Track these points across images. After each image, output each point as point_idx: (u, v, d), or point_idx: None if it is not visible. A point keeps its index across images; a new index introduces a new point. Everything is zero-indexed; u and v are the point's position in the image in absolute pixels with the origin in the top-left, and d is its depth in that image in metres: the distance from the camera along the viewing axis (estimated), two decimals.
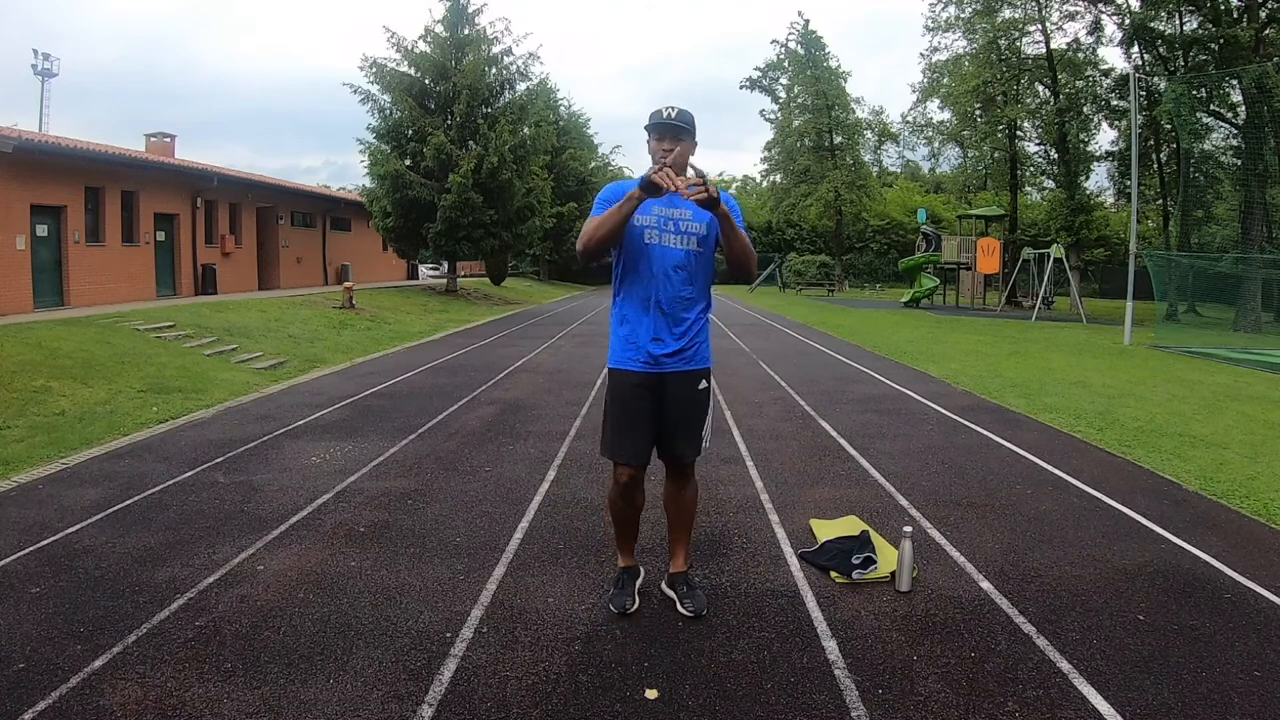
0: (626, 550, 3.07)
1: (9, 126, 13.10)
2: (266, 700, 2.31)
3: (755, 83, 42.18)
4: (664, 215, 2.79)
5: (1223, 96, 20.80)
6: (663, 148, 2.72)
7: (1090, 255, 34.36)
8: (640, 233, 2.77)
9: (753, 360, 10.53)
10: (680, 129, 2.72)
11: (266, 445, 5.58)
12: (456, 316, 18.64)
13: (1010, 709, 2.28)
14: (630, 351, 2.83)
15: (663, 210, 2.78)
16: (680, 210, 2.79)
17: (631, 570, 3.05)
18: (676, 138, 2.72)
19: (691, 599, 2.91)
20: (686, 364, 2.84)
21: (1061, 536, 3.73)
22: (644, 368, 2.81)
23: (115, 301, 13.97)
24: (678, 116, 2.73)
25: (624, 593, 2.96)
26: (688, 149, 2.75)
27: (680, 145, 2.72)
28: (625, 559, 3.07)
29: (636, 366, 2.82)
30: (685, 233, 2.80)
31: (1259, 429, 6.34)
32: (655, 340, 2.79)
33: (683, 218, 2.79)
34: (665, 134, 2.72)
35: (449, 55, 22.79)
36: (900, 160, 49.19)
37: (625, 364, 2.85)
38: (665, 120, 2.72)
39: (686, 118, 2.75)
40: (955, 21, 27.55)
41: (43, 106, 32.73)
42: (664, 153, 2.71)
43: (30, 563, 3.36)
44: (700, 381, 2.89)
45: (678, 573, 3.03)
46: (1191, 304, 21.27)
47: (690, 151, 2.77)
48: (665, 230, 2.78)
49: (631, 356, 2.83)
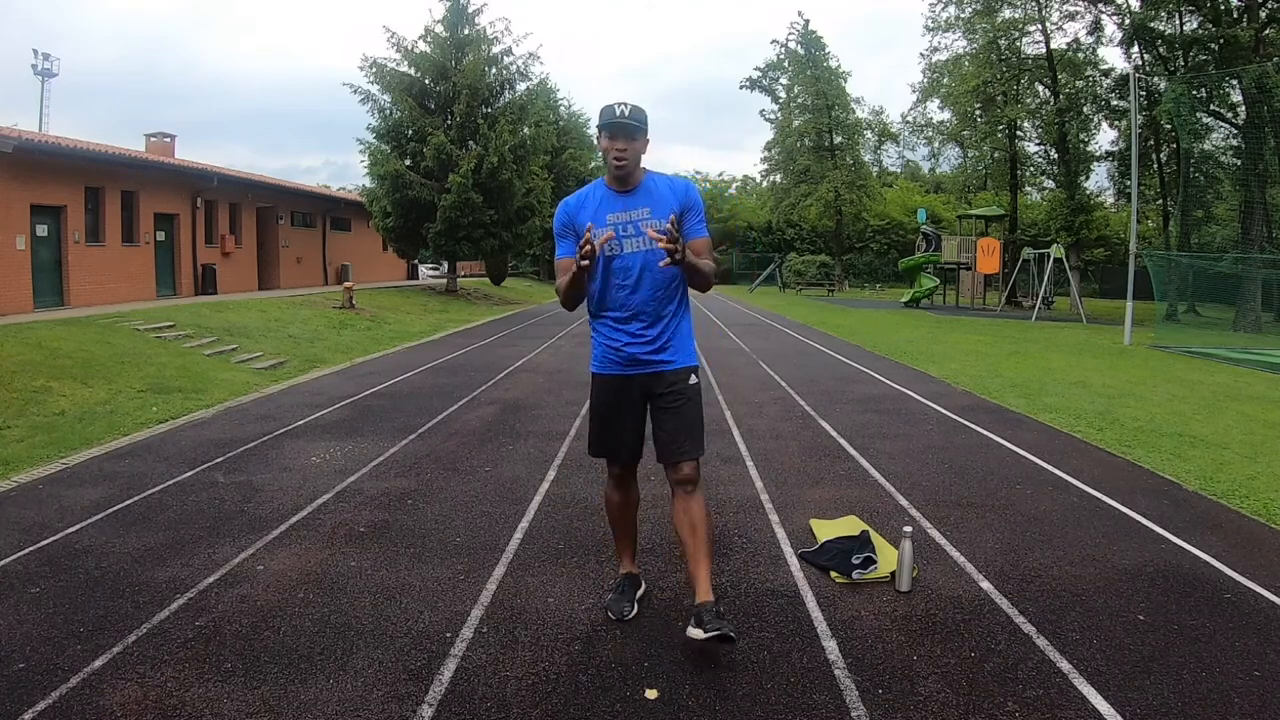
0: (626, 556, 3.03)
1: (9, 126, 13.11)
2: (266, 700, 2.31)
3: (755, 83, 42.20)
4: (619, 222, 2.70)
5: (1223, 96, 20.80)
6: (615, 146, 2.63)
7: (1090, 255, 34.36)
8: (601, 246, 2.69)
9: (753, 360, 10.53)
10: (633, 127, 2.63)
11: (266, 445, 5.58)
12: (456, 316, 18.64)
13: (1010, 709, 2.28)
14: (609, 355, 2.80)
15: (618, 217, 2.70)
16: (638, 210, 2.70)
17: (633, 579, 3.00)
18: (629, 136, 2.64)
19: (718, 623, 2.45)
20: (669, 363, 2.77)
21: (1061, 536, 3.73)
22: (623, 370, 2.78)
23: (115, 301, 13.97)
24: (630, 114, 2.62)
25: (623, 598, 2.90)
26: (639, 147, 2.68)
27: (632, 144, 2.65)
28: (626, 565, 3.03)
29: (616, 370, 2.79)
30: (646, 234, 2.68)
31: (1259, 429, 6.34)
32: (632, 342, 2.74)
33: (641, 217, 2.69)
34: (618, 133, 2.62)
35: (449, 55, 22.79)
36: (900, 160, 49.25)
37: (605, 368, 2.82)
38: (617, 119, 2.61)
39: (639, 115, 2.65)
40: (955, 21, 27.56)
41: (43, 106, 32.78)
42: (617, 151, 2.63)
43: (30, 563, 3.36)
44: (690, 377, 2.79)
45: (702, 604, 2.54)
46: (1191, 304, 21.27)
47: (642, 149, 2.70)
48: (625, 236, 2.69)
49: (611, 360, 2.80)
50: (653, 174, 2.79)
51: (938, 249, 27.79)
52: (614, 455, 2.88)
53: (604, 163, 2.71)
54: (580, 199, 2.79)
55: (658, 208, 2.69)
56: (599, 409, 2.88)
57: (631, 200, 2.71)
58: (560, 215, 2.79)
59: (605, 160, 2.69)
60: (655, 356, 2.76)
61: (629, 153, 2.65)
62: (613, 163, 2.66)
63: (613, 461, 2.90)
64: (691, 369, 2.83)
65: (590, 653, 2.61)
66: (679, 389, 2.77)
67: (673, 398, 2.77)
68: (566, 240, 2.76)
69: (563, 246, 2.78)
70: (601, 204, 2.73)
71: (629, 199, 2.71)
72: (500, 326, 16.67)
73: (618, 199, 2.73)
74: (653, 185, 2.75)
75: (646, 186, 2.74)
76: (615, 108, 2.64)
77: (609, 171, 2.72)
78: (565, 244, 2.77)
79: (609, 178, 2.75)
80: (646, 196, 2.72)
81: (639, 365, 2.77)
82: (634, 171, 2.71)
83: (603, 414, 2.87)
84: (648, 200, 2.71)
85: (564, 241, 2.77)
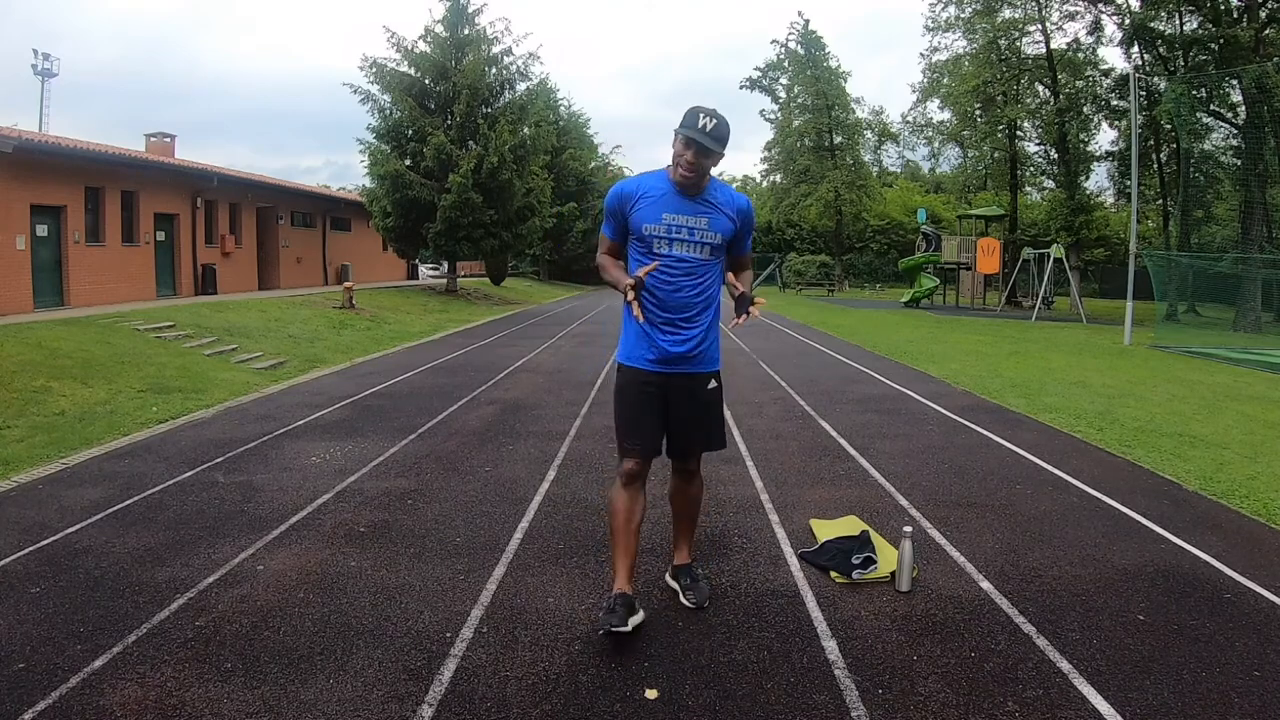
0: (623, 572, 2.78)
1: (9, 126, 13.10)
2: (266, 700, 2.31)
3: (755, 83, 42.19)
4: (674, 224, 2.73)
5: (1223, 96, 20.81)
6: (686, 156, 2.64)
7: (1090, 255, 34.37)
8: (650, 240, 2.74)
9: (753, 360, 10.53)
10: (709, 149, 2.63)
11: (266, 445, 5.58)
12: (456, 316, 18.64)
13: (1010, 709, 2.28)
14: (641, 349, 2.82)
15: (674, 218, 2.73)
16: (697, 219, 2.74)
17: (625, 598, 2.70)
18: (705, 154, 2.64)
19: (694, 590, 2.95)
20: (696, 366, 2.83)
21: (1061, 536, 3.73)
22: (654, 367, 2.81)
23: (115, 301, 13.97)
24: (713, 133, 2.60)
25: (614, 615, 2.62)
26: (712, 163, 2.70)
27: (703, 160, 2.66)
28: (620, 583, 2.77)
29: (646, 365, 2.81)
30: (699, 241, 2.74)
31: (1259, 429, 6.34)
32: (664, 340, 2.77)
33: (698, 226, 2.73)
34: (692, 145, 2.62)
35: (449, 55, 22.78)
36: (900, 160, 49.22)
37: (635, 361, 2.84)
38: (698, 133, 2.60)
39: (721, 134, 2.63)
40: (955, 21, 27.59)
41: (43, 106, 32.79)
42: (686, 163, 2.64)
43: (30, 563, 3.36)
44: (710, 382, 2.88)
45: (681, 565, 3.07)
46: (1191, 304, 21.28)
47: (713, 164, 2.71)
48: (676, 238, 2.73)
49: (642, 355, 2.82)
50: (715, 182, 2.81)
51: (938, 249, 27.80)
52: (638, 447, 2.83)
53: (673, 161, 2.71)
54: (639, 186, 2.78)
55: (715, 220, 2.76)
56: (625, 402, 2.87)
57: (693, 206, 2.74)
58: (613, 196, 2.82)
59: (674, 160, 2.70)
60: (685, 356, 2.80)
61: (698, 166, 2.67)
62: (680, 171, 2.68)
63: (632, 454, 2.82)
64: (714, 374, 2.90)
65: (590, 653, 2.61)
66: (699, 390, 2.85)
67: (693, 399, 2.85)
68: (613, 222, 2.84)
69: (608, 226, 2.87)
70: (661, 200, 2.74)
71: (692, 204, 2.74)
72: (500, 326, 16.67)
73: (680, 200, 2.74)
74: (714, 197, 2.78)
75: (709, 197, 2.77)
76: (700, 118, 2.61)
77: (676, 171, 2.71)
78: (611, 225, 2.86)
79: (675, 175, 2.73)
80: (707, 208, 2.76)
81: (668, 364, 2.80)
82: (700, 180, 2.74)
83: (629, 407, 2.85)
84: (708, 212, 2.75)
85: (611, 222, 2.85)
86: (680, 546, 3.10)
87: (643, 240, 2.76)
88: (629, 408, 2.87)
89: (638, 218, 2.75)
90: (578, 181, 39.29)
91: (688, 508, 3.06)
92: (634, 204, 2.76)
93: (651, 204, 2.74)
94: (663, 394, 2.83)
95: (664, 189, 2.75)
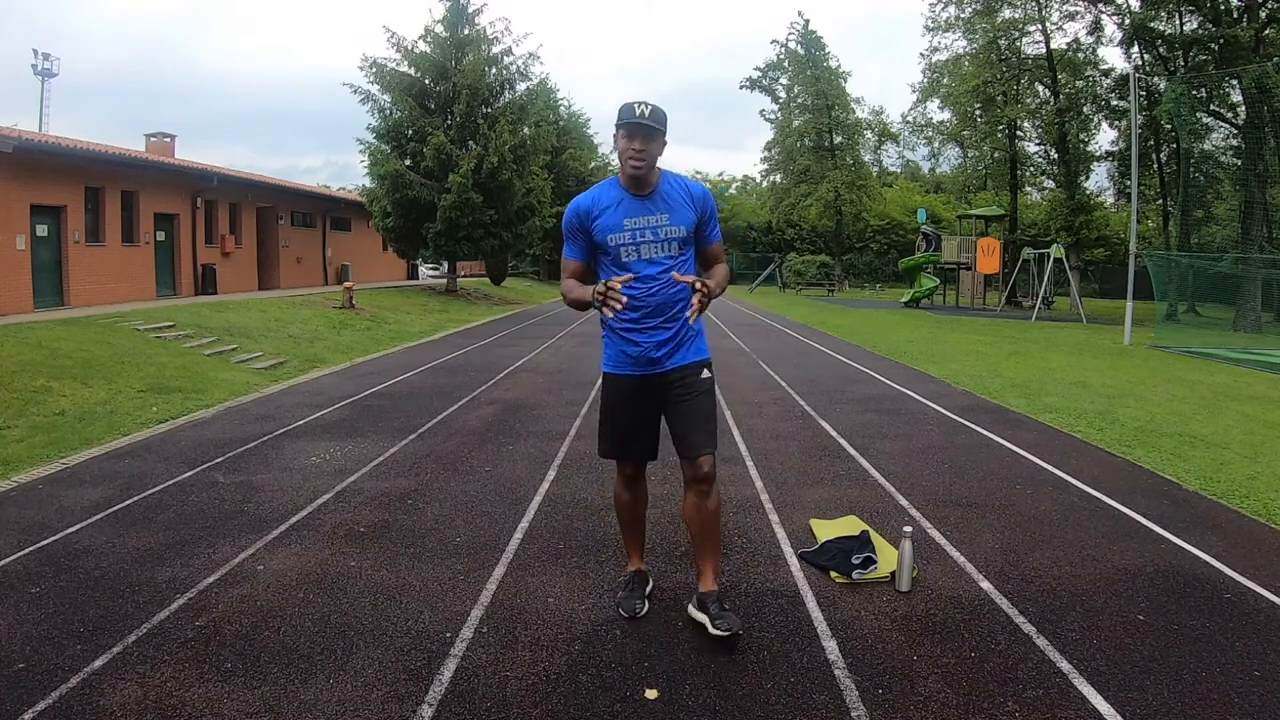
0: (635, 553, 3.05)
1: (9, 126, 13.10)
2: (266, 700, 2.31)
3: (755, 83, 42.21)
4: (637, 227, 2.69)
5: (1223, 96, 20.81)
6: (632, 147, 2.61)
7: (1090, 255, 34.37)
8: (616, 250, 2.70)
9: (753, 360, 10.53)
10: (652, 129, 2.61)
11: (266, 445, 5.58)
12: (456, 316, 18.64)
13: (1010, 709, 2.28)
14: (623, 356, 2.79)
15: (635, 222, 2.69)
16: (657, 216, 2.70)
17: (640, 575, 3.01)
18: (648, 138, 2.62)
19: (724, 619, 2.60)
20: (684, 358, 2.77)
21: (1061, 536, 3.73)
22: (639, 370, 2.77)
23: (115, 301, 13.97)
24: (650, 115, 2.60)
25: (634, 595, 2.91)
26: (657, 149, 2.66)
27: (650, 145, 2.63)
28: (634, 562, 3.05)
29: (631, 370, 2.78)
30: (665, 239, 2.70)
31: (1259, 429, 6.34)
32: (647, 343, 2.73)
33: (660, 224, 2.70)
34: (636, 133, 2.60)
35: (449, 55, 22.78)
36: (900, 160, 49.25)
37: (620, 368, 2.81)
38: (637, 119, 2.59)
39: (659, 116, 2.63)
40: (955, 21, 27.58)
41: (43, 106, 32.75)
42: (633, 152, 2.62)
43: (30, 563, 3.36)
44: (702, 371, 2.81)
45: (707, 592, 2.73)
46: (1191, 304, 21.28)
47: (659, 151, 2.68)
48: (642, 242, 2.69)
49: (625, 360, 2.79)
50: (667, 174, 2.78)
51: (938, 249, 27.80)
52: (625, 455, 2.87)
53: (619, 161, 2.69)
54: (594, 199, 2.75)
55: (675, 214, 2.72)
56: (611, 410, 2.87)
57: (650, 205, 2.71)
58: (571, 215, 2.76)
59: (621, 159, 2.68)
60: (668, 355, 2.76)
61: (646, 154, 2.64)
62: (630, 163, 2.64)
63: (624, 461, 2.89)
64: (704, 363, 2.82)
65: (590, 653, 2.61)
66: (690, 382, 2.77)
67: (684, 390, 2.77)
68: (576, 242, 2.77)
69: (569, 247, 2.78)
70: (619, 207, 2.71)
71: (648, 203, 2.71)
72: (500, 326, 16.67)
73: (636, 202, 2.71)
74: (669, 190, 2.74)
75: (663, 191, 2.73)
76: (635, 107, 2.61)
77: (624, 171, 2.69)
78: (574, 246, 2.77)
79: (624, 178, 2.71)
80: (664, 202, 2.72)
81: (653, 365, 2.76)
82: (650, 173, 2.70)
83: (614, 415, 2.86)
84: (665, 207, 2.71)
85: (573, 243, 2.77)
86: (704, 572, 2.77)
87: (609, 252, 2.71)
88: (612, 420, 2.86)
89: (600, 229, 2.70)
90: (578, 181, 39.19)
91: (706, 526, 2.75)
92: (594, 217, 2.72)
93: (611, 213, 2.70)
94: (654, 396, 2.79)
95: (619, 196, 2.72)
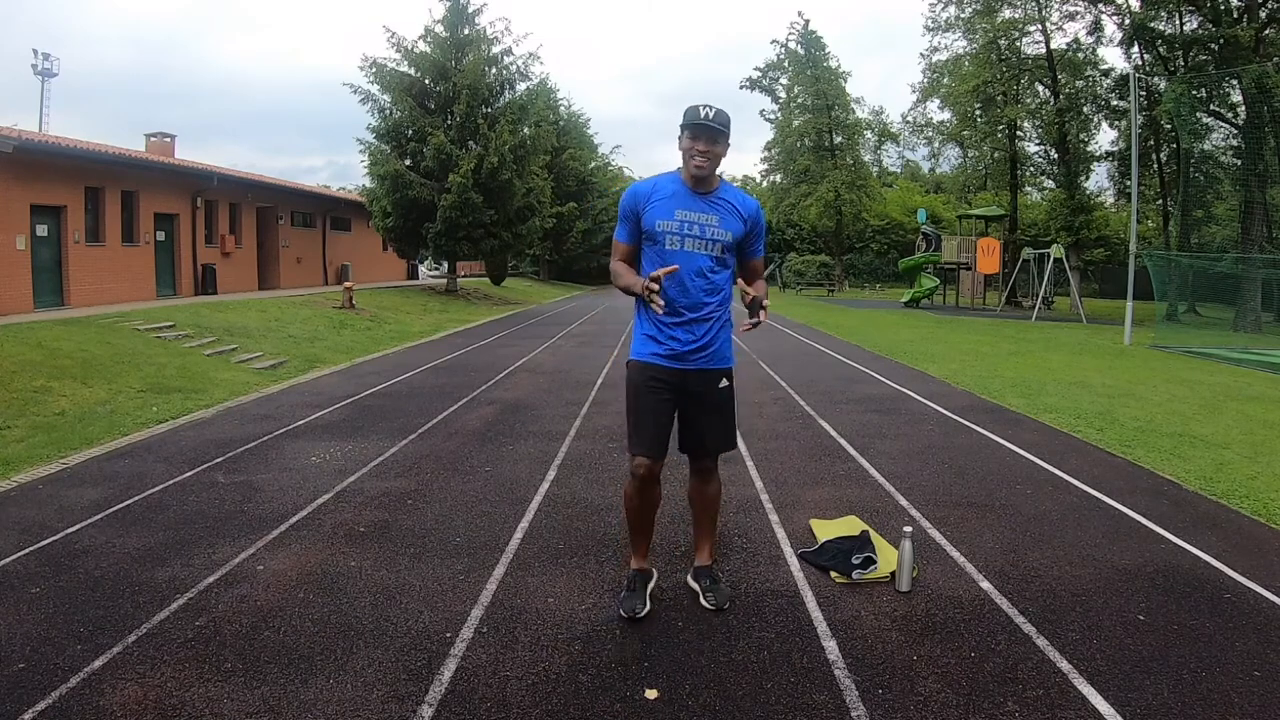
0: (639, 551, 3.04)
1: (9, 126, 13.08)
2: (266, 700, 2.31)
3: (755, 83, 42.18)
4: (687, 220, 2.77)
5: (1223, 96, 20.81)
6: (696, 148, 2.71)
7: (1090, 255, 34.33)
8: (663, 238, 2.78)
9: (753, 360, 10.53)
10: (716, 131, 2.71)
11: (266, 445, 5.58)
12: (456, 316, 18.64)
13: (1010, 709, 2.28)
14: (653, 345, 2.84)
15: (686, 215, 2.77)
16: (707, 215, 2.78)
17: (644, 573, 3.02)
18: (712, 139, 2.71)
19: (715, 592, 2.94)
20: (708, 362, 2.85)
21: (1061, 536, 3.73)
22: (666, 363, 2.82)
23: (115, 301, 13.97)
24: (715, 118, 2.69)
25: (635, 596, 2.92)
26: (721, 151, 2.75)
27: (714, 147, 2.72)
28: (637, 561, 3.05)
29: (658, 361, 2.83)
30: (710, 239, 2.78)
31: (1259, 429, 6.34)
32: (675, 337, 2.80)
33: (708, 223, 2.78)
34: (700, 134, 2.71)
35: (449, 55, 22.78)
36: (900, 160, 49.19)
37: (647, 357, 2.86)
38: (702, 121, 2.68)
39: (723, 119, 2.71)
40: (955, 21, 27.58)
41: (43, 106, 32.71)
42: (698, 153, 2.70)
43: (30, 563, 3.36)
44: (721, 380, 2.90)
45: (702, 566, 3.06)
46: (1191, 304, 21.29)
47: (723, 153, 2.76)
48: (688, 235, 2.77)
49: (654, 351, 2.84)
50: (727, 185, 2.87)
51: (938, 249, 27.80)
52: (647, 447, 2.83)
53: (683, 160, 2.78)
54: (652, 187, 2.83)
55: (726, 219, 2.80)
56: (636, 400, 2.87)
57: (705, 204, 2.78)
58: (628, 198, 2.87)
59: (684, 159, 2.77)
60: (696, 354, 2.82)
61: (710, 155, 2.72)
62: (694, 164, 2.72)
63: (642, 456, 2.83)
64: (725, 371, 2.92)
65: (590, 653, 2.61)
66: (710, 389, 2.87)
67: (704, 398, 2.87)
68: (625, 225, 2.88)
69: (621, 229, 2.90)
70: (674, 198, 2.79)
71: (703, 202, 2.78)
72: (500, 326, 16.67)
73: (692, 197, 2.79)
74: (726, 196, 2.83)
75: (720, 195, 2.82)
76: (700, 109, 2.70)
77: (687, 170, 2.77)
78: (624, 228, 2.89)
79: (687, 175, 2.79)
80: (718, 206, 2.80)
81: (679, 360, 2.81)
82: (712, 175, 2.78)
83: (640, 405, 2.86)
84: (718, 210, 2.79)
85: (623, 225, 2.88)
86: (701, 547, 3.09)
87: (654, 239, 2.79)
88: (639, 410, 2.88)
89: (651, 215, 2.79)
90: (578, 181, 39.27)
91: (707, 508, 3.04)
92: (648, 202, 2.80)
93: (664, 201, 2.79)
94: (674, 392, 2.84)
95: (677, 188, 2.81)
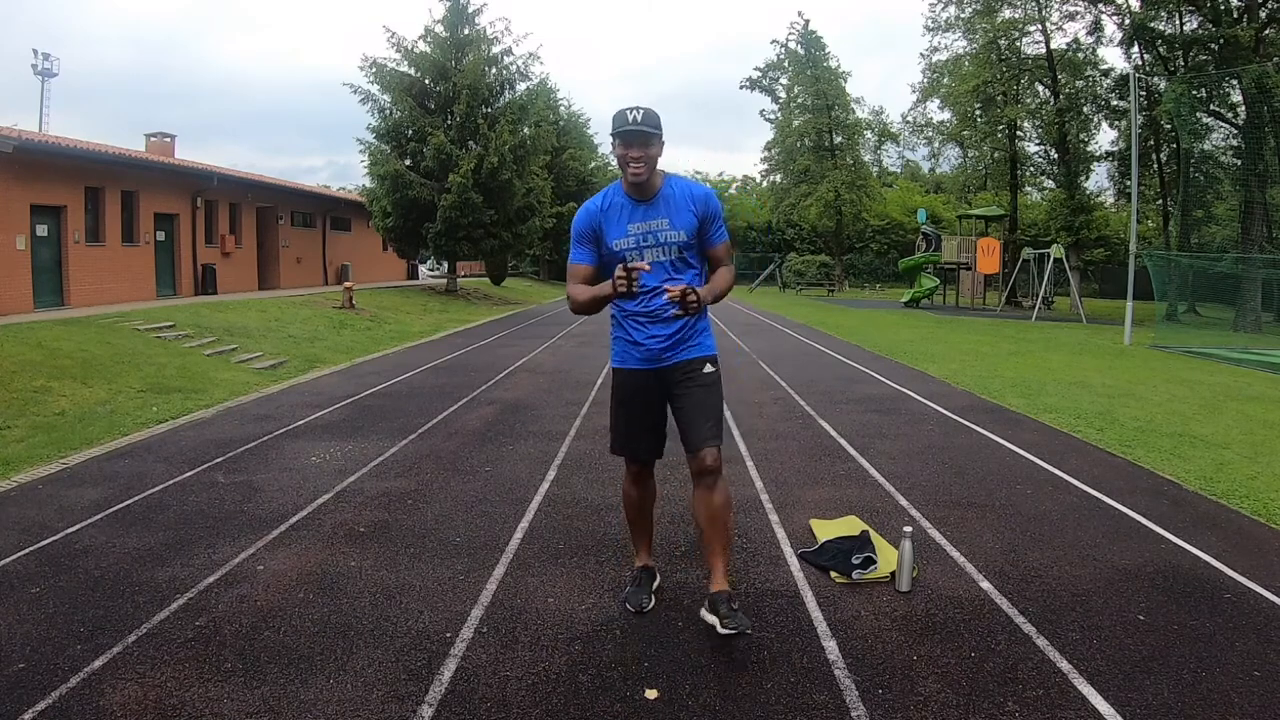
0: (642, 548, 3.08)
1: (9, 126, 13.08)
2: (266, 700, 2.31)
3: (755, 83, 42.20)
4: (641, 232, 2.72)
5: (1223, 96, 20.80)
6: (630, 155, 2.62)
7: (1090, 255, 34.32)
8: (621, 255, 2.72)
9: (753, 360, 10.53)
10: (647, 134, 2.62)
11: (266, 445, 5.58)
12: (456, 316, 18.64)
13: (1010, 709, 2.28)
14: (631, 350, 2.84)
15: (639, 227, 2.72)
16: (658, 220, 2.72)
17: (648, 570, 3.04)
18: (645, 143, 2.63)
19: (734, 619, 2.50)
20: (688, 353, 2.80)
21: (1061, 536, 3.73)
22: (646, 365, 2.82)
23: (115, 301, 13.97)
24: (643, 120, 2.60)
25: (640, 590, 2.94)
26: (655, 153, 2.67)
27: (647, 150, 2.64)
28: (641, 558, 3.08)
29: (638, 365, 2.83)
30: (666, 243, 2.74)
31: (1259, 429, 6.34)
32: (652, 339, 2.78)
33: (660, 228, 2.72)
34: (632, 140, 2.61)
35: (449, 55, 22.78)
36: (900, 160, 49.17)
37: (627, 363, 2.86)
38: (630, 126, 2.59)
39: (652, 120, 2.62)
40: (955, 21, 27.58)
41: (43, 106, 32.69)
42: (632, 160, 2.62)
43: (30, 563, 3.36)
44: (705, 366, 2.80)
45: (718, 592, 2.62)
46: (1191, 304, 21.28)
47: (658, 154, 2.68)
48: (645, 246, 2.73)
49: (633, 355, 2.84)
50: (671, 178, 2.79)
51: (938, 249, 27.80)
52: (635, 451, 2.90)
53: (620, 169, 2.71)
54: (603, 205, 2.77)
55: (675, 217, 2.73)
56: (621, 404, 2.90)
57: (651, 211, 2.73)
58: (582, 220, 2.78)
59: (621, 167, 2.69)
60: (674, 351, 2.80)
61: (644, 159, 2.65)
62: (630, 171, 2.65)
63: (633, 458, 2.92)
64: (708, 358, 2.84)
65: (590, 653, 2.61)
66: (694, 376, 2.80)
67: (689, 383, 2.79)
68: (585, 247, 2.79)
69: (580, 252, 2.80)
70: (624, 211, 2.74)
71: (648, 209, 2.73)
72: (500, 326, 16.67)
73: (637, 208, 2.74)
74: (671, 193, 2.76)
75: (665, 195, 2.75)
76: (628, 113, 2.62)
77: (625, 179, 2.71)
78: (583, 251, 2.79)
79: (626, 184, 2.73)
80: (665, 206, 2.74)
81: (659, 361, 2.81)
82: (651, 178, 2.70)
83: (623, 410, 2.90)
84: (666, 211, 2.73)
85: (582, 248, 2.79)
86: (714, 569, 2.69)
87: (614, 257, 2.72)
88: (621, 415, 2.90)
89: (608, 234, 2.74)
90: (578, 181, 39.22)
91: (715, 522, 2.68)
92: (602, 220, 2.75)
93: (616, 217, 2.74)
94: (660, 392, 2.84)
95: (622, 201, 2.76)
